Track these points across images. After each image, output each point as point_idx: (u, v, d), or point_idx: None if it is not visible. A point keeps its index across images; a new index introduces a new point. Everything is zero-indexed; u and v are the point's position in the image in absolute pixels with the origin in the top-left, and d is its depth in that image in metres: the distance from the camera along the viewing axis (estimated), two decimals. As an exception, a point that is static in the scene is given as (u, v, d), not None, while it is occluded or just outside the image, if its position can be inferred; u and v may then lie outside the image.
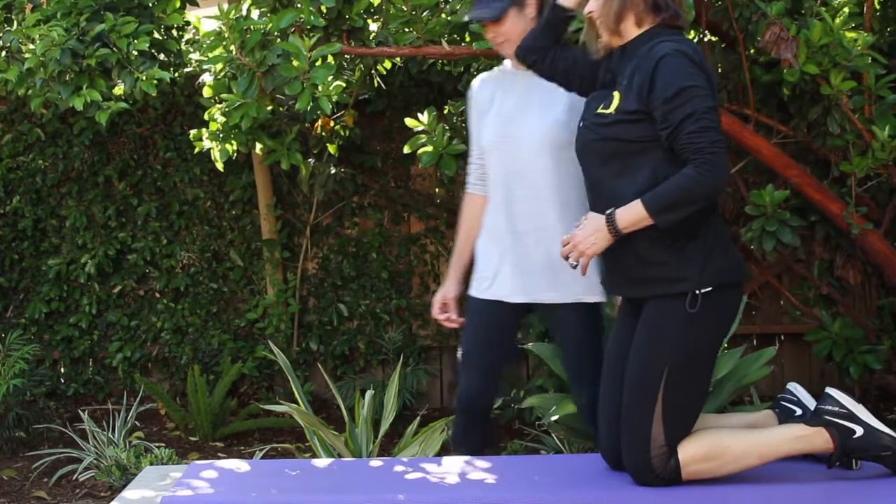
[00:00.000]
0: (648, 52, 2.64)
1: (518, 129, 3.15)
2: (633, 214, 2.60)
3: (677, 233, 2.62)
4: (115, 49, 3.70)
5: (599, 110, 2.70)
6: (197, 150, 4.25)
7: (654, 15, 2.70)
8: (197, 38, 4.70)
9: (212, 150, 4.18)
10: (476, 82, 3.31)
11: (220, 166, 4.23)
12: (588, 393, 3.15)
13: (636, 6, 2.69)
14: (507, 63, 3.27)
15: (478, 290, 3.22)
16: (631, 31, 2.72)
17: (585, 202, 2.95)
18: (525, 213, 3.14)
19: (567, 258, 2.70)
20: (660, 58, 2.59)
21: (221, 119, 4.00)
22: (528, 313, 3.28)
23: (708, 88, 2.59)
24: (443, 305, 3.32)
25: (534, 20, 3.10)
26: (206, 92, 3.98)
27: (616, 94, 2.68)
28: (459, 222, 3.34)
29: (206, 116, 4.14)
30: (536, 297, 3.15)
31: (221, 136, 4.10)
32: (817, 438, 2.70)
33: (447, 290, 3.32)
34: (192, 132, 4.25)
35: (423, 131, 3.84)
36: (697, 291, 2.60)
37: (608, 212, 2.63)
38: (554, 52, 2.91)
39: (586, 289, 3.11)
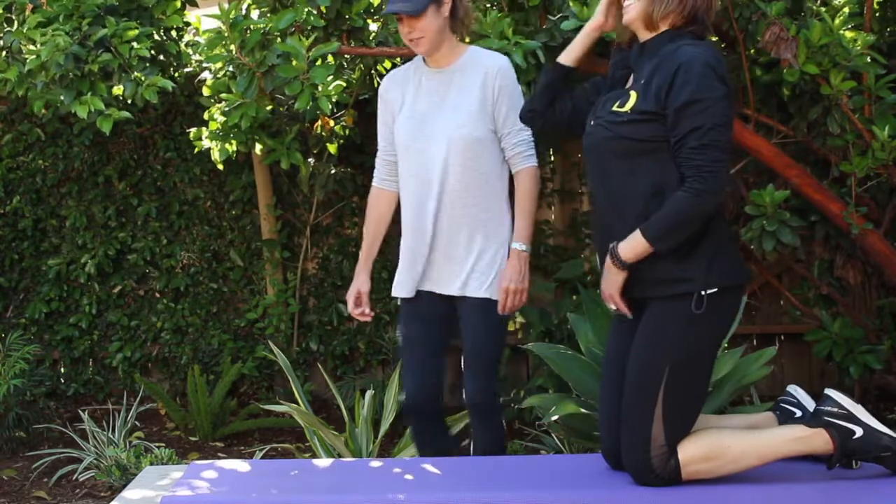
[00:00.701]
0: (671, 54, 2.63)
1: (432, 129, 3.22)
2: (634, 246, 2.62)
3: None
4: (116, 54, 3.70)
5: (615, 108, 2.68)
6: (197, 149, 4.25)
7: (689, 24, 2.69)
8: (197, 38, 4.70)
9: (211, 150, 4.18)
10: (386, 82, 3.36)
11: (219, 166, 4.23)
12: (477, 384, 3.25)
13: (681, 11, 2.68)
14: (418, 60, 3.31)
15: (398, 290, 3.33)
16: (661, 28, 2.71)
17: (493, 198, 3.19)
18: (437, 210, 3.23)
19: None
20: (683, 62, 2.58)
21: (221, 118, 4.00)
22: (449, 306, 3.34)
23: (725, 101, 2.57)
24: (356, 300, 3.41)
25: (447, 20, 3.18)
26: (206, 91, 3.98)
27: (633, 94, 2.67)
28: (367, 217, 3.45)
29: (205, 116, 4.14)
30: (445, 289, 3.26)
31: (221, 135, 4.10)
32: (817, 439, 2.70)
33: (360, 285, 3.41)
34: (192, 131, 4.25)
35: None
36: (703, 292, 2.60)
37: (610, 246, 2.65)
38: (550, 112, 2.94)
39: (487, 284, 3.24)
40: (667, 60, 2.62)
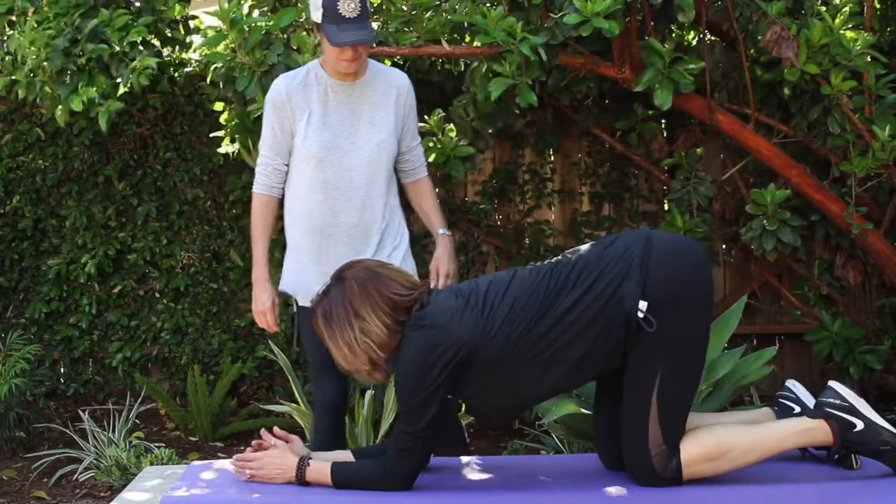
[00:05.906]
0: None
1: (349, 142, 3.22)
2: (320, 476, 2.73)
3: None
4: (109, 44, 3.70)
5: None
6: (228, 152, 4.18)
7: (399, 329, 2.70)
8: (196, 38, 4.70)
9: (241, 152, 4.16)
10: (284, 87, 3.23)
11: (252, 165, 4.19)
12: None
13: (384, 342, 2.70)
14: (315, 68, 3.26)
15: (309, 300, 3.17)
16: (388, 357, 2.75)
17: (398, 207, 3.27)
18: (346, 223, 3.23)
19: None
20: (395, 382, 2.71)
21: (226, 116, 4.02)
22: None
23: (421, 404, 2.62)
24: (269, 313, 3.32)
25: None
26: (209, 80, 3.98)
27: None
28: (260, 225, 3.32)
29: (221, 120, 4.14)
30: None
31: (237, 136, 4.13)
32: (818, 431, 2.70)
33: (273, 297, 3.32)
34: (215, 135, 4.23)
35: (428, 133, 3.85)
36: (640, 314, 2.57)
37: (302, 457, 2.76)
38: None
39: None
40: None
